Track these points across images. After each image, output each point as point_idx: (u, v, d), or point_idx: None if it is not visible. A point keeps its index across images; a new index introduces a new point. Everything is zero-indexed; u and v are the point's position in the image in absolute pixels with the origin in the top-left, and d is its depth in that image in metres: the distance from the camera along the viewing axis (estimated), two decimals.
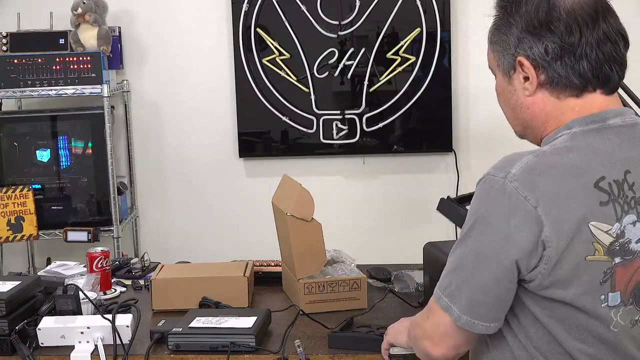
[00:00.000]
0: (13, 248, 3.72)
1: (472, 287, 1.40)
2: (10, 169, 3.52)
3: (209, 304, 2.26)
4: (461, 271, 1.41)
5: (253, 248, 3.80)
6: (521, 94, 1.47)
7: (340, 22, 3.65)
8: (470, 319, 1.41)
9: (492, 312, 1.41)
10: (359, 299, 2.29)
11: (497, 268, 1.37)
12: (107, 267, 2.49)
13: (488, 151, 3.72)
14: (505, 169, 1.38)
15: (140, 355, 1.99)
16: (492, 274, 1.37)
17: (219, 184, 3.83)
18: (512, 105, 1.51)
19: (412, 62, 3.65)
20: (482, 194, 1.40)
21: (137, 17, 3.75)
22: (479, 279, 1.39)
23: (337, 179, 3.81)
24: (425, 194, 3.77)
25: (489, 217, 1.37)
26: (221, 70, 3.75)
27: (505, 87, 1.50)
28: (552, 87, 1.43)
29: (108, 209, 3.49)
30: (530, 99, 1.46)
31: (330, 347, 1.99)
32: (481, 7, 3.62)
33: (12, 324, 2.01)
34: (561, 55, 1.40)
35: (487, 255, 1.37)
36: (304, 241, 2.28)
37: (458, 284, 1.42)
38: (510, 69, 1.47)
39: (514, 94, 1.49)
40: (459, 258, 1.42)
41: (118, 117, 3.77)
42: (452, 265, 1.44)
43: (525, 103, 1.47)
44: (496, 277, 1.37)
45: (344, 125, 3.71)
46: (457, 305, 1.41)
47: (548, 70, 1.42)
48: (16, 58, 3.41)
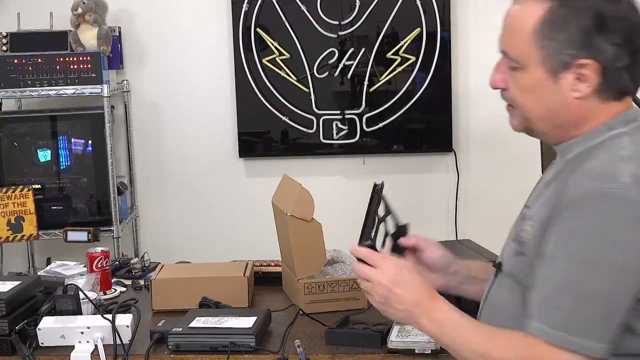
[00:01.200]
0: (13, 248, 3.72)
1: (611, 312, 1.28)
2: (10, 169, 3.52)
3: (209, 304, 2.26)
4: (591, 300, 1.27)
5: (253, 248, 3.80)
6: (568, 94, 1.37)
7: (340, 22, 3.65)
8: (608, 345, 1.29)
9: (616, 330, 1.30)
10: (358, 299, 2.29)
11: (634, 282, 1.28)
12: (107, 267, 2.49)
13: (488, 151, 3.73)
14: (610, 179, 1.28)
15: (140, 355, 1.99)
16: (630, 289, 1.28)
17: (219, 184, 3.83)
18: (548, 105, 1.40)
19: (412, 62, 3.65)
20: (594, 209, 1.28)
21: (137, 17, 3.75)
22: (618, 301, 1.28)
23: (337, 179, 3.81)
24: (425, 194, 3.77)
25: (613, 231, 1.27)
26: (221, 70, 3.75)
27: (543, 84, 1.38)
28: (603, 91, 1.36)
29: (108, 209, 3.48)
30: (578, 101, 1.37)
31: (327, 344, 2.00)
32: (481, 7, 3.65)
33: (12, 324, 2.01)
34: (631, 63, 1.34)
35: (622, 271, 1.27)
36: (304, 241, 2.28)
37: (591, 316, 1.28)
38: (561, 67, 1.36)
39: (558, 94, 1.37)
40: (583, 288, 1.27)
41: (118, 117, 3.77)
42: (570, 300, 1.28)
43: (573, 105, 1.37)
44: (631, 292, 1.28)
45: (344, 125, 3.71)
46: (594, 338, 1.28)
47: (608, 75, 1.35)
48: (16, 58, 3.41)
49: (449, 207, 3.76)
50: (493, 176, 3.74)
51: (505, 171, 3.72)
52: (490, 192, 3.75)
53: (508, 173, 3.72)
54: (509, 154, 3.70)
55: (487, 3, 3.62)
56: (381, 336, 1.99)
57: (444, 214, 3.77)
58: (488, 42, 3.71)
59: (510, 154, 3.70)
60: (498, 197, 3.75)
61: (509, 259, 1.49)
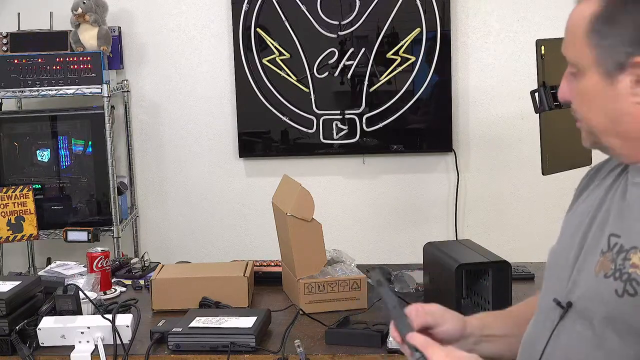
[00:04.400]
0: (13, 248, 3.72)
1: None
2: (10, 169, 3.52)
3: (209, 304, 2.26)
4: None
5: (253, 248, 3.81)
6: (627, 100, 1.21)
7: (340, 22, 3.65)
8: None
9: None
10: (358, 299, 2.29)
11: None
12: (107, 267, 2.49)
13: (488, 151, 3.73)
14: None
15: (140, 355, 1.99)
16: None
17: (219, 184, 3.83)
18: (608, 113, 1.23)
19: (412, 62, 3.64)
20: None
21: (137, 17, 3.75)
22: None
23: (337, 179, 3.81)
24: (425, 194, 3.77)
25: None
26: (221, 70, 3.75)
27: (601, 90, 1.23)
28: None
29: (108, 209, 3.48)
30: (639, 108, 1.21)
31: (327, 343, 2.00)
32: (481, 7, 3.65)
33: (12, 324, 2.02)
34: None
35: None
36: (304, 241, 2.28)
37: None
38: (617, 68, 1.20)
39: (617, 99, 1.21)
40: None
41: (118, 117, 3.77)
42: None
43: (634, 112, 1.21)
44: None
45: (344, 125, 3.71)
46: None
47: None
48: (16, 58, 3.41)
49: (449, 207, 3.76)
50: (493, 176, 3.74)
51: (505, 171, 3.72)
52: (490, 192, 3.75)
53: (508, 173, 3.72)
54: (509, 154, 3.70)
55: (487, 3, 3.62)
56: (381, 336, 2.00)
57: (444, 214, 3.77)
58: (488, 42, 3.74)
59: (510, 154, 3.70)
60: (498, 197, 3.75)
61: (604, 299, 1.21)
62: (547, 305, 1.31)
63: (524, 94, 2.62)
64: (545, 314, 1.31)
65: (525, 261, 2.73)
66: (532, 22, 3.59)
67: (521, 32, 3.61)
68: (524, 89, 2.83)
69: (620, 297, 1.17)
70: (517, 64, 3.61)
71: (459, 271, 2.13)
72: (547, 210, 3.63)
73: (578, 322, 1.24)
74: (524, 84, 3.42)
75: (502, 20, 3.62)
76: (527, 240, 3.65)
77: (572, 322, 1.25)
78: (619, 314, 1.18)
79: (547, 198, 3.63)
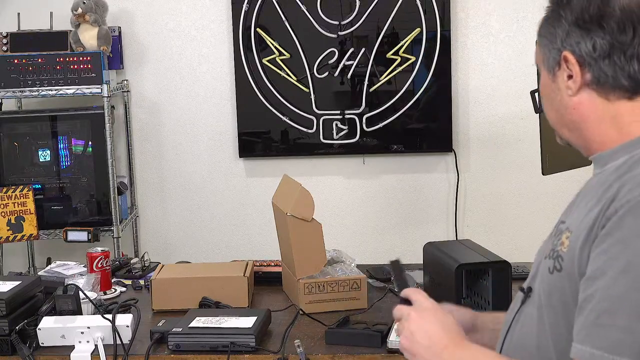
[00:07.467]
0: (13, 248, 3.72)
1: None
2: (10, 169, 3.52)
3: (209, 304, 2.26)
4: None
5: (253, 248, 3.81)
6: (565, 93, 1.33)
7: (340, 22, 3.65)
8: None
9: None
10: (358, 299, 2.29)
11: None
12: (107, 267, 2.49)
13: (488, 151, 3.73)
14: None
15: (140, 355, 1.99)
16: None
17: (219, 184, 3.83)
18: (555, 107, 1.36)
19: (412, 62, 3.65)
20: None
21: (137, 17, 3.75)
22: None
23: (337, 179, 3.81)
24: (425, 193, 3.77)
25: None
26: (221, 71, 3.76)
27: (549, 86, 1.36)
28: (598, 87, 1.29)
29: (108, 209, 3.48)
30: (575, 100, 1.32)
31: (327, 343, 2.00)
32: (481, 7, 3.65)
33: (12, 324, 2.02)
34: (610, 54, 1.27)
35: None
36: (304, 241, 2.28)
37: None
38: (555, 65, 1.34)
39: (558, 93, 1.34)
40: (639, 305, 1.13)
41: (118, 117, 3.77)
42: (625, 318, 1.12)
43: (570, 104, 1.32)
44: None
45: (344, 125, 3.71)
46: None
47: (594, 68, 1.29)
48: (16, 58, 3.41)
49: (449, 207, 3.76)
50: (493, 176, 3.74)
51: (505, 171, 3.72)
52: (490, 192, 3.75)
53: (508, 173, 3.72)
54: (509, 154, 3.70)
55: (487, 3, 3.62)
56: (381, 336, 1.99)
57: (444, 214, 3.77)
58: (488, 42, 3.74)
59: (510, 154, 3.70)
60: (498, 197, 3.75)
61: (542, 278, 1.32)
62: (517, 294, 1.42)
63: (524, 94, 2.62)
64: (514, 302, 1.42)
65: (526, 261, 2.72)
66: (532, 22, 3.58)
67: (521, 32, 3.61)
68: (524, 89, 2.83)
69: (551, 274, 1.28)
70: (517, 64, 3.61)
71: (459, 271, 2.13)
72: (547, 210, 3.63)
73: (531, 305, 1.34)
74: (524, 84, 3.42)
75: (502, 20, 3.63)
76: (527, 240, 3.65)
77: (529, 307, 1.35)
78: (553, 290, 1.27)
79: (547, 198, 3.63)
